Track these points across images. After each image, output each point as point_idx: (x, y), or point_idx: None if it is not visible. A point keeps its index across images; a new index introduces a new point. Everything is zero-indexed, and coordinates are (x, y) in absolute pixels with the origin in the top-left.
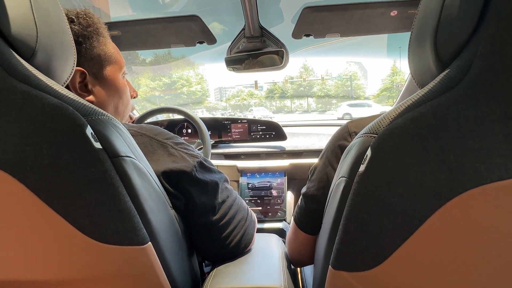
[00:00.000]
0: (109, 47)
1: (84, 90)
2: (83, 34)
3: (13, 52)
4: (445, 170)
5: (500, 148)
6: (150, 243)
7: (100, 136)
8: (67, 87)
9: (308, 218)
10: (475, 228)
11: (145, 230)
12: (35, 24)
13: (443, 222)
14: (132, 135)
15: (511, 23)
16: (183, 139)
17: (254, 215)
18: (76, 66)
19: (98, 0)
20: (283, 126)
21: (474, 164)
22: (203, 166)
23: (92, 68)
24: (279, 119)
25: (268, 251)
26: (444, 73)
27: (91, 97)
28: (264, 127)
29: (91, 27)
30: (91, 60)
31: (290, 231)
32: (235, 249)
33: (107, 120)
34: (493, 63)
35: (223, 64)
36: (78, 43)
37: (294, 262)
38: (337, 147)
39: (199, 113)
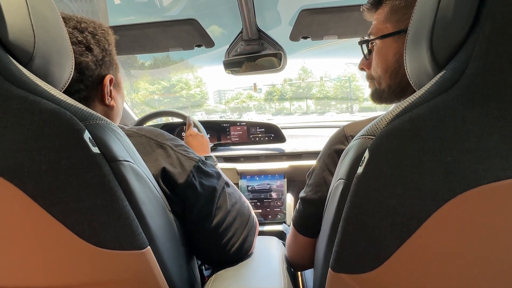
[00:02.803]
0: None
1: (110, 95)
2: (113, 45)
3: (11, 58)
4: (443, 171)
5: (496, 148)
6: (149, 247)
7: (98, 140)
8: (66, 92)
9: (307, 222)
10: (473, 229)
11: (144, 235)
12: (33, 30)
13: (441, 223)
14: (131, 136)
15: (505, 23)
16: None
17: (256, 220)
18: (106, 74)
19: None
20: (282, 128)
21: (471, 165)
22: (201, 171)
23: (114, 75)
24: (278, 121)
25: (268, 254)
26: (440, 74)
27: (112, 102)
28: (263, 130)
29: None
30: (114, 69)
31: (289, 235)
32: (234, 255)
33: (105, 125)
34: (489, 63)
35: (222, 67)
36: (108, 52)
37: (294, 266)
38: (334, 151)
39: (198, 116)
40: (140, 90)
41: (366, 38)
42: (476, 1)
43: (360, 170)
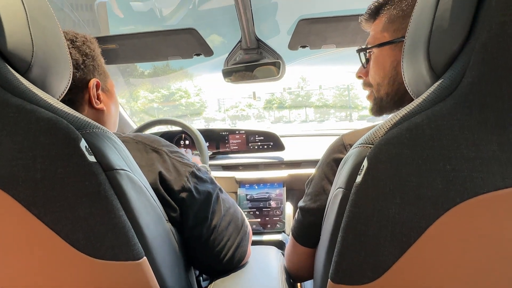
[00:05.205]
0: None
1: (97, 99)
2: (97, 52)
3: (8, 67)
4: (442, 180)
5: (495, 156)
6: (145, 257)
7: (94, 149)
8: (64, 100)
9: (306, 231)
10: (474, 238)
11: (140, 245)
12: (31, 39)
13: (441, 232)
14: (127, 142)
15: (501, 32)
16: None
17: (249, 227)
18: (90, 78)
19: None
20: (281, 137)
21: (470, 174)
22: (196, 176)
23: (102, 81)
24: (278, 129)
25: (267, 264)
26: (437, 83)
27: (101, 106)
28: (262, 138)
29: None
30: (100, 75)
31: (288, 245)
32: (229, 262)
33: (101, 133)
34: (485, 72)
35: (221, 75)
36: (90, 57)
37: (293, 277)
38: (332, 160)
39: (198, 125)
40: (140, 99)
41: (364, 47)
42: (471, 11)
43: (359, 179)
